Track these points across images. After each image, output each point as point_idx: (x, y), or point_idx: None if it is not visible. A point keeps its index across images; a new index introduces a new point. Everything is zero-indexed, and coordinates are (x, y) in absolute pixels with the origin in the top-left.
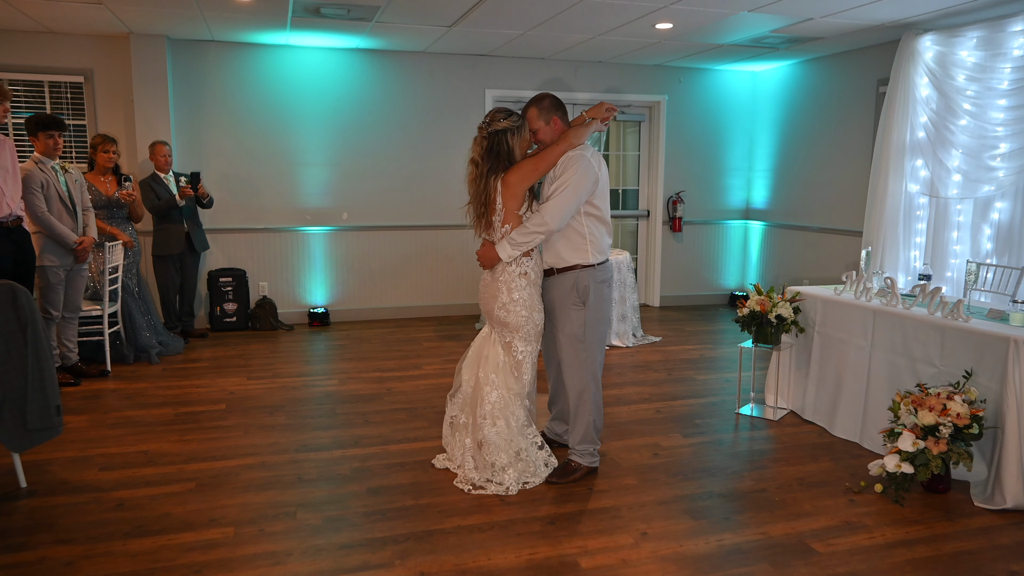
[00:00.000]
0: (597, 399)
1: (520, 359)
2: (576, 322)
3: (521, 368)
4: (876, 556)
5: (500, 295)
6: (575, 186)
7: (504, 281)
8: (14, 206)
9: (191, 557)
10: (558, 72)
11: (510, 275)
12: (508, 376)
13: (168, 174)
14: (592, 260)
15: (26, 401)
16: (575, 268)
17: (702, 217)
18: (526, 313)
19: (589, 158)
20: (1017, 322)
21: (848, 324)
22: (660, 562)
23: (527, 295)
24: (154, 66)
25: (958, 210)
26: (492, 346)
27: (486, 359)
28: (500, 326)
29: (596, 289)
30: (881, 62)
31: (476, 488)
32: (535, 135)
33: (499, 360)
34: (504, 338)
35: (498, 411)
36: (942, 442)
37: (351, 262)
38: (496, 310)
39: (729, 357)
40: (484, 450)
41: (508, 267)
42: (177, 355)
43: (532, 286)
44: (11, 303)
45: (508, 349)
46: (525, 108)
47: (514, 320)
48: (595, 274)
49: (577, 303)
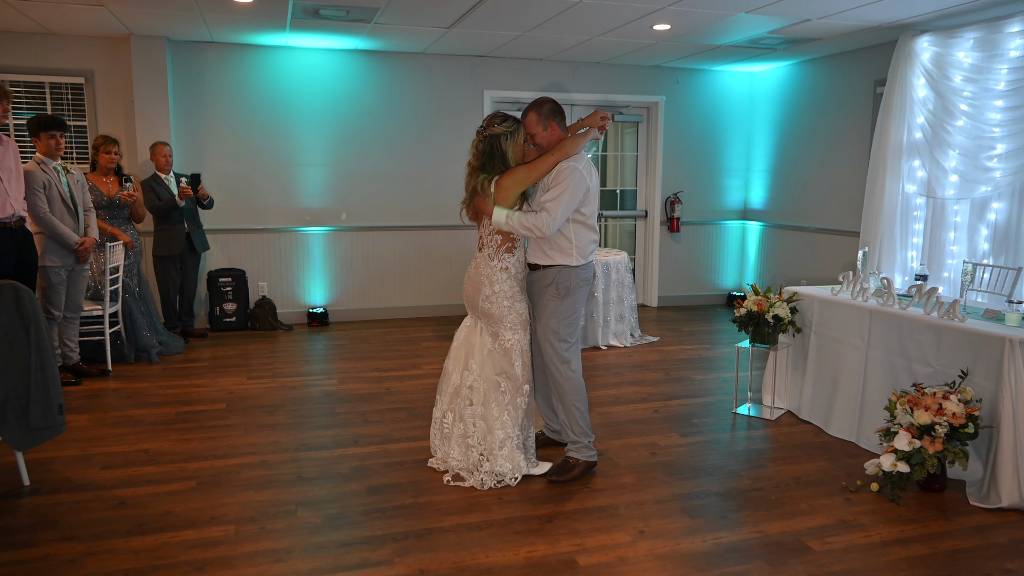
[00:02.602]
0: (579, 387)
1: (508, 347)
2: (550, 312)
3: (511, 355)
4: (872, 554)
5: (483, 288)
6: (568, 199)
7: (487, 275)
8: (17, 207)
9: (193, 554)
10: (556, 73)
11: (492, 269)
12: (499, 361)
13: (169, 175)
14: (575, 263)
15: (29, 400)
16: (557, 265)
17: (700, 217)
18: (508, 303)
19: (581, 170)
20: (1013, 322)
21: (845, 324)
22: (657, 560)
23: (508, 287)
24: (154, 67)
25: (955, 211)
26: (479, 336)
27: (471, 347)
28: (485, 317)
29: (576, 286)
30: (878, 63)
31: (456, 480)
32: (532, 139)
33: (485, 348)
34: (491, 328)
35: (477, 395)
36: (938, 441)
37: (350, 262)
38: (480, 302)
39: (726, 357)
40: (467, 435)
41: (491, 262)
42: (177, 355)
43: (512, 279)
44: (15, 303)
45: (496, 338)
46: (525, 112)
47: (497, 311)
48: (577, 272)
49: (555, 295)
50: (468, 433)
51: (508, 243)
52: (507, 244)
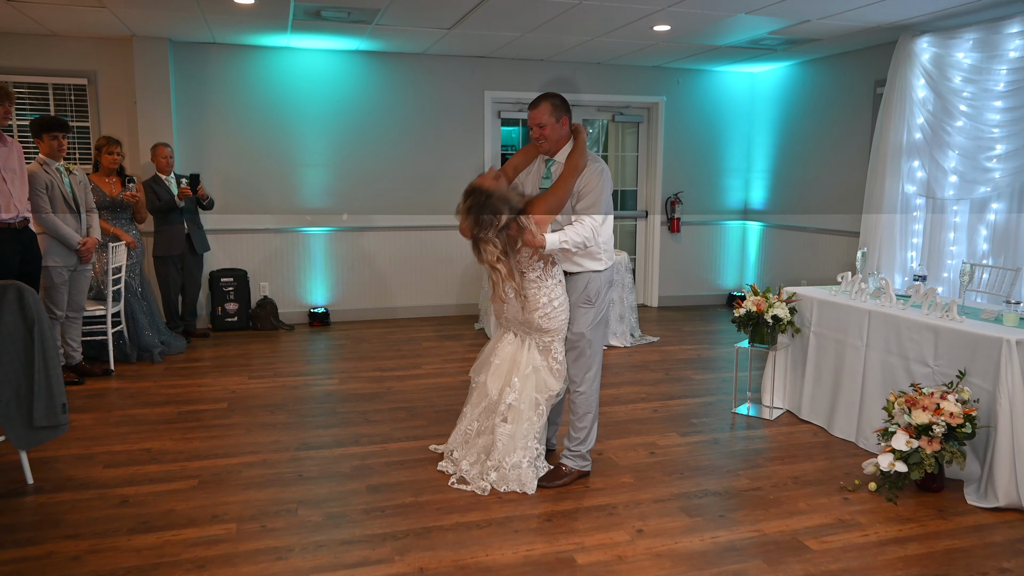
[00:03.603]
0: (596, 401)
1: (560, 359)
2: (584, 321)
3: (563, 367)
4: (869, 553)
5: (541, 306)
6: (605, 202)
7: (545, 295)
8: (21, 207)
9: (194, 552)
10: (557, 74)
11: (549, 288)
12: (543, 378)
13: (170, 175)
14: (603, 266)
15: (33, 399)
16: (588, 272)
17: (700, 218)
18: (564, 316)
19: (605, 168)
20: (1010, 323)
21: (843, 324)
22: (655, 559)
23: (563, 299)
24: (156, 68)
25: (954, 211)
26: (527, 352)
27: (517, 364)
28: (539, 332)
29: (604, 290)
30: (878, 64)
31: (460, 483)
32: (541, 129)
33: (530, 366)
34: (544, 341)
35: (514, 414)
36: (935, 441)
37: (351, 262)
38: (537, 319)
39: (726, 357)
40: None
41: (545, 283)
42: (179, 354)
43: (561, 287)
44: (18, 303)
45: (547, 353)
46: (536, 101)
47: (556, 325)
48: (603, 276)
49: (587, 302)
50: (490, 448)
51: (550, 256)
52: (550, 258)
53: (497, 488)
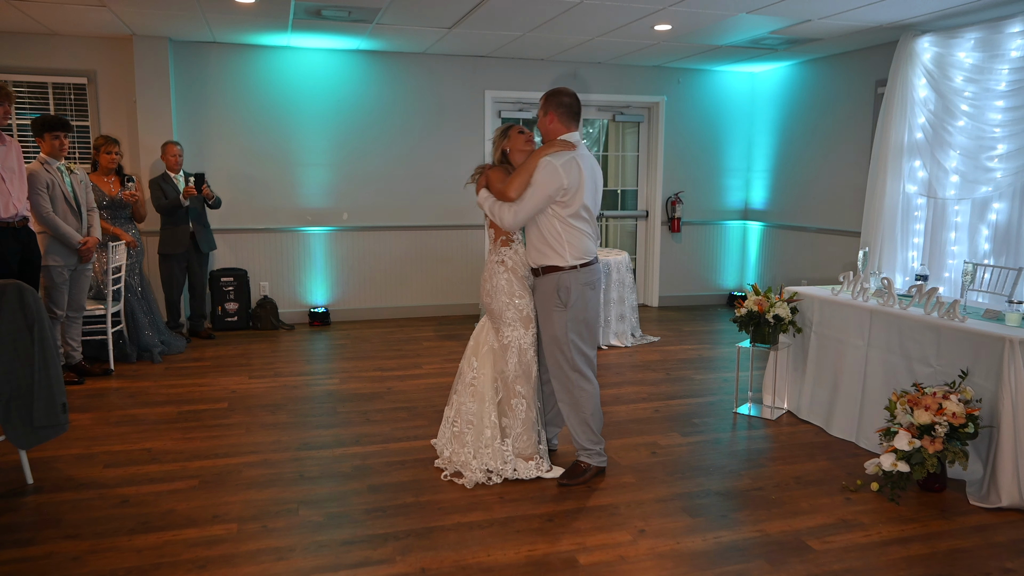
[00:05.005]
0: (593, 398)
1: (506, 343)
2: (557, 324)
3: (507, 352)
4: (872, 553)
5: (486, 283)
6: (532, 194)
7: (488, 270)
8: (20, 206)
9: (195, 552)
10: (557, 73)
11: (491, 264)
12: (498, 359)
13: (179, 174)
14: (570, 262)
15: (33, 399)
16: (557, 270)
17: (701, 217)
18: (506, 299)
19: (558, 166)
20: (1013, 322)
21: (845, 324)
22: (657, 559)
23: (505, 281)
24: (157, 68)
25: (956, 211)
26: (486, 332)
27: (478, 343)
28: (489, 313)
29: (578, 292)
30: (879, 63)
31: (455, 476)
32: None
33: (486, 345)
34: (494, 323)
35: (476, 393)
36: (938, 441)
37: (351, 262)
38: (483, 296)
39: (727, 357)
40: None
41: (491, 257)
42: (179, 354)
43: (510, 272)
44: (18, 302)
45: (497, 334)
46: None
47: (496, 306)
48: (578, 276)
49: (559, 305)
50: (464, 430)
51: (503, 236)
52: (502, 237)
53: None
